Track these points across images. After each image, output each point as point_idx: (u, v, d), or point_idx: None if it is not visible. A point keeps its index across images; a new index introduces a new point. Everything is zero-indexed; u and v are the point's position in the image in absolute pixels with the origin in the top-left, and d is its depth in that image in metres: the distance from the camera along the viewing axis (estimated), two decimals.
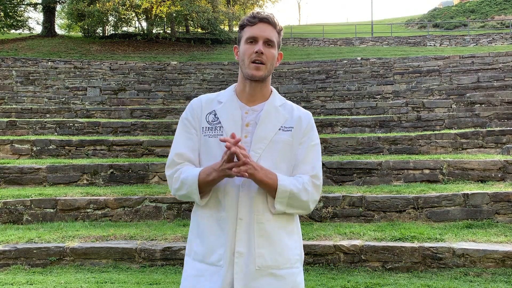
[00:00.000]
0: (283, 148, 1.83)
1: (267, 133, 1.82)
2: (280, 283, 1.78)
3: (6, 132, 10.63)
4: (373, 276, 4.70)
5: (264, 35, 1.82)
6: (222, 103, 1.90)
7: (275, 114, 1.87)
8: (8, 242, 5.39)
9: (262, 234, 1.77)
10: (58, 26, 43.26)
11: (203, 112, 1.89)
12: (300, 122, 1.89)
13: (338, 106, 13.27)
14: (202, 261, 1.81)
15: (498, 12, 38.62)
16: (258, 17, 1.83)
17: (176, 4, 28.75)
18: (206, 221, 1.83)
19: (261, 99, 1.90)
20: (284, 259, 1.81)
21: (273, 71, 1.95)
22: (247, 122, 1.85)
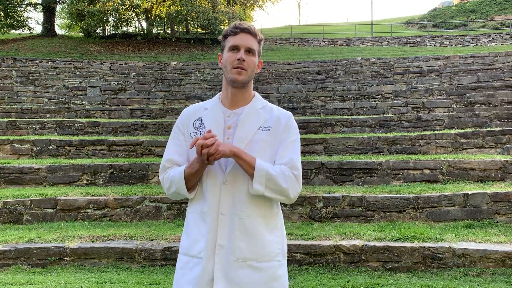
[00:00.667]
0: (262, 147, 1.94)
1: (246, 133, 1.95)
2: (258, 275, 1.86)
3: (6, 132, 10.63)
4: (373, 276, 4.70)
5: (245, 44, 1.98)
6: (207, 109, 2.07)
7: (254, 116, 2.00)
8: (8, 242, 5.39)
9: (241, 229, 1.87)
10: (58, 26, 43.27)
11: (191, 119, 2.06)
12: (278, 121, 2.01)
13: (338, 106, 13.27)
14: (186, 254, 1.95)
15: (498, 12, 38.62)
16: (240, 28, 1.99)
17: (176, 4, 28.75)
18: (191, 216, 1.98)
19: (242, 103, 2.03)
20: (263, 252, 1.88)
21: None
22: (229, 125, 1.99)
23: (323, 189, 6.71)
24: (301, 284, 4.45)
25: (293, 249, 5.05)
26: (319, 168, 7.42)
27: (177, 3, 28.68)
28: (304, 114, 12.98)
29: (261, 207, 1.93)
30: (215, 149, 1.79)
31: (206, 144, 1.78)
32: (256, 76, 18.06)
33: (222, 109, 2.04)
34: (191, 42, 31.85)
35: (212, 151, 1.78)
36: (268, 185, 1.86)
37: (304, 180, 7.38)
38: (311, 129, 10.92)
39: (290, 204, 6.29)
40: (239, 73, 1.96)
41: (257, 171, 1.85)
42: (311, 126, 10.98)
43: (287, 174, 1.89)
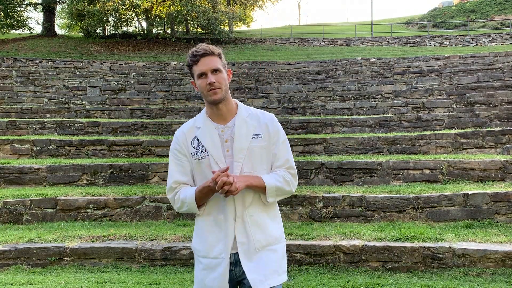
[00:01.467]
0: (260, 153, 2.22)
1: (243, 144, 2.19)
2: (274, 255, 2.24)
3: (6, 132, 10.63)
4: (373, 276, 4.70)
5: (209, 67, 2.17)
6: (200, 128, 2.26)
7: (245, 126, 2.22)
8: (8, 242, 5.39)
9: (254, 223, 2.20)
10: (58, 26, 43.27)
11: (188, 139, 2.26)
12: (267, 127, 2.25)
13: (338, 106, 13.26)
14: (205, 257, 2.22)
15: (498, 12, 38.62)
16: (198, 55, 2.18)
17: (176, 4, 28.75)
18: (205, 223, 2.24)
19: (230, 116, 2.25)
20: (273, 238, 2.25)
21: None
22: (225, 139, 2.21)
23: (323, 189, 6.71)
24: (301, 284, 4.45)
25: (293, 249, 5.05)
26: (319, 168, 7.42)
27: (177, 3, 28.68)
28: (304, 114, 12.98)
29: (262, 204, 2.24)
30: (235, 188, 2.05)
31: (229, 182, 2.02)
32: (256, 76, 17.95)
33: (214, 125, 2.24)
34: (191, 42, 31.84)
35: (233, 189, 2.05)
36: (278, 193, 2.23)
37: (304, 180, 7.38)
38: (311, 129, 10.92)
39: (289, 204, 6.29)
40: (215, 93, 2.16)
41: (268, 189, 2.18)
42: (311, 126, 10.98)
43: (288, 179, 2.23)
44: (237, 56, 26.38)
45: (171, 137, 9.69)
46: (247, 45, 32.35)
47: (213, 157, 2.18)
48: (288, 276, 4.72)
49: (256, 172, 2.20)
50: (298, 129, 10.92)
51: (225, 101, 2.22)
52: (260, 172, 2.21)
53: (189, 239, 5.39)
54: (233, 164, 2.17)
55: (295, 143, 9.03)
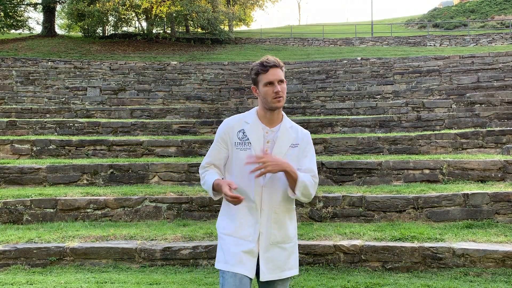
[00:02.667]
0: (292, 159, 2.49)
1: (282, 149, 2.49)
2: (284, 252, 2.50)
3: (6, 132, 10.63)
4: (373, 276, 4.70)
5: (277, 78, 2.45)
6: (249, 123, 2.52)
7: (287, 135, 2.52)
8: (8, 242, 5.39)
9: (275, 221, 2.48)
10: (58, 26, 43.27)
11: (234, 130, 2.52)
12: (303, 140, 2.57)
13: (338, 106, 13.26)
14: (232, 235, 2.48)
15: (498, 12, 38.61)
16: (269, 66, 2.46)
17: (176, 4, 28.75)
18: (238, 207, 2.47)
19: (277, 122, 2.54)
20: (287, 237, 2.52)
21: None
22: (268, 140, 2.50)
23: (323, 189, 6.70)
24: (301, 284, 4.45)
25: None
26: (319, 168, 7.41)
27: (177, 3, 28.68)
28: (304, 114, 12.98)
29: (287, 204, 2.52)
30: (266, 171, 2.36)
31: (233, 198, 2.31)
32: None
33: (262, 126, 2.51)
34: (191, 42, 31.86)
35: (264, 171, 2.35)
36: (303, 192, 2.45)
37: None
38: (311, 129, 10.91)
39: None
40: (279, 101, 2.44)
41: (299, 183, 2.41)
42: (311, 126, 10.97)
43: (314, 183, 2.50)
44: (237, 56, 26.38)
45: (171, 137, 9.72)
46: (247, 45, 32.35)
47: (256, 152, 2.44)
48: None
49: None
50: None
51: (280, 109, 2.52)
52: None
53: (189, 239, 5.39)
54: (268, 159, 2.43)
55: None
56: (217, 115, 12.82)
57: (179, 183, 7.48)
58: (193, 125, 11.06)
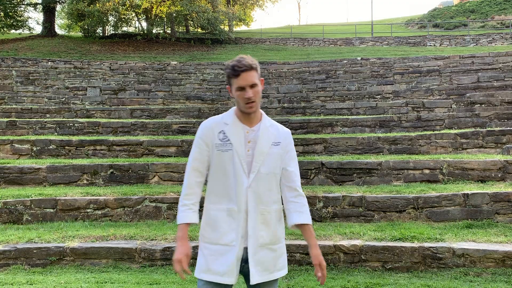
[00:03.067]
0: (275, 158, 2.46)
1: (264, 148, 2.43)
2: (273, 253, 2.44)
3: (6, 132, 10.63)
4: (373, 276, 4.70)
5: (248, 83, 2.35)
6: (228, 124, 2.46)
7: (267, 134, 2.46)
8: (8, 242, 5.39)
9: (263, 222, 2.41)
10: (58, 26, 43.27)
11: (214, 131, 2.45)
12: (285, 138, 2.53)
13: (338, 106, 13.26)
14: (215, 243, 2.40)
15: (498, 12, 38.61)
16: (239, 70, 2.34)
17: (176, 4, 28.74)
18: (217, 213, 2.41)
19: (256, 121, 2.48)
20: (276, 238, 2.47)
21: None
22: (249, 140, 2.43)
23: (323, 189, 6.71)
24: (301, 284, 4.45)
25: (293, 249, 5.05)
26: (319, 168, 7.42)
27: (177, 3, 28.67)
28: (304, 114, 12.98)
29: (273, 204, 2.46)
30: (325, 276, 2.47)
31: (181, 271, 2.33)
32: None
33: (241, 125, 2.45)
34: (191, 42, 31.85)
35: None
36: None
37: (304, 180, 7.38)
38: (311, 129, 10.92)
39: None
40: (251, 107, 2.38)
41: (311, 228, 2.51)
42: (311, 126, 10.97)
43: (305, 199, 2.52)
44: None
45: (171, 137, 9.71)
46: (247, 45, 32.35)
47: (237, 153, 2.39)
48: (288, 276, 4.73)
49: (271, 173, 2.43)
50: (298, 129, 10.92)
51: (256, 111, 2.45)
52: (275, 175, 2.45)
53: (189, 239, 5.38)
54: (252, 164, 2.39)
55: (295, 143, 9.01)
56: (217, 115, 12.81)
57: (179, 183, 7.48)
58: (193, 125, 11.06)
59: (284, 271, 2.51)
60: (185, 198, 2.46)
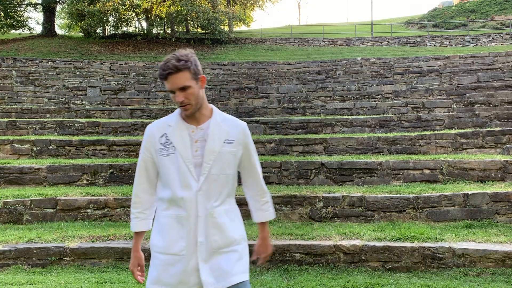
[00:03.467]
0: (228, 157, 2.28)
1: (215, 147, 2.24)
2: (231, 256, 2.27)
3: (6, 132, 10.63)
4: (373, 276, 4.71)
5: (177, 86, 2.17)
6: (171, 126, 2.28)
7: (219, 130, 2.27)
8: (8, 242, 5.39)
9: (214, 226, 2.24)
10: (58, 26, 43.27)
11: (155, 136, 2.29)
12: (239, 134, 2.33)
13: (338, 106, 13.25)
14: (164, 253, 2.24)
15: (498, 12, 38.61)
16: (165, 74, 2.16)
17: (176, 4, 28.74)
18: (166, 220, 2.26)
19: (204, 119, 2.29)
20: (231, 240, 2.28)
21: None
22: (196, 139, 2.25)
23: (323, 189, 6.71)
24: (301, 284, 4.45)
25: (293, 249, 5.05)
26: (319, 168, 7.42)
27: (177, 3, 28.67)
28: (304, 114, 12.97)
29: (224, 205, 2.29)
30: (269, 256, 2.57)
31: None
32: (256, 76, 17.87)
33: (186, 125, 2.27)
34: (191, 42, 31.84)
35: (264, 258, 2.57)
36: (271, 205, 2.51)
37: (304, 180, 7.38)
38: (311, 129, 10.92)
39: (289, 204, 6.29)
40: (186, 109, 2.22)
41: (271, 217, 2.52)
42: (311, 126, 10.97)
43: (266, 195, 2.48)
44: (237, 56, 26.38)
45: None
46: (247, 45, 32.35)
47: (181, 155, 2.21)
48: (288, 276, 4.73)
49: (222, 174, 2.26)
50: (298, 129, 10.92)
51: (199, 109, 2.27)
52: (227, 176, 2.29)
53: None
54: (202, 165, 2.22)
55: (295, 143, 9.03)
56: None
57: None
58: None
59: (245, 275, 2.29)
60: (132, 207, 2.38)
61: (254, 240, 5.29)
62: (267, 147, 9.12)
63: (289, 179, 7.50)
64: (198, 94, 2.23)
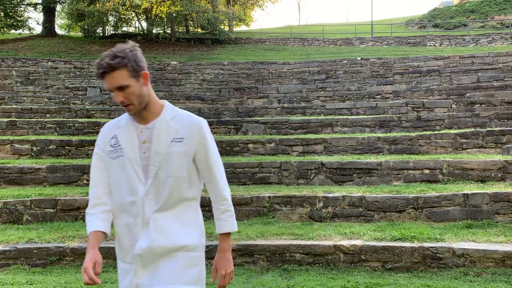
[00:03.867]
0: (178, 158, 2.07)
1: (161, 147, 2.06)
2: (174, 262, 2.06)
3: (6, 132, 10.63)
4: (373, 276, 4.71)
5: (113, 86, 2.00)
6: (121, 127, 2.14)
7: (166, 129, 2.08)
8: (8, 242, 5.39)
9: (159, 231, 2.05)
10: (58, 26, 43.26)
11: (106, 138, 2.16)
12: (191, 131, 2.10)
13: (338, 106, 13.26)
14: (122, 261, 2.17)
15: (498, 12, 38.61)
16: (99, 73, 2.00)
17: (176, 4, 28.73)
18: (119, 228, 2.16)
19: (152, 117, 2.10)
20: (177, 246, 2.06)
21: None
22: (143, 140, 2.09)
23: (323, 189, 6.71)
24: (301, 284, 4.45)
25: (293, 249, 5.05)
26: (319, 168, 7.42)
27: (177, 3, 28.66)
28: (304, 114, 12.98)
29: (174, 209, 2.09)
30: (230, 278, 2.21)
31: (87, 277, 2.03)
32: (256, 76, 17.88)
33: (135, 125, 2.11)
34: (191, 42, 31.84)
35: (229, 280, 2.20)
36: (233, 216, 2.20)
37: (304, 180, 7.38)
38: (311, 129, 10.92)
39: (289, 204, 6.29)
40: (129, 110, 2.05)
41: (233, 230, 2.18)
42: (311, 126, 10.97)
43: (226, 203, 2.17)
44: (237, 56, 26.37)
45: None
46: (247, 45, 32.35)
47: (129, 157, 2.07)
48: (288, 276, 4.74)
49: (171, 177, 2.06)
50: (298, 129, 10.92)
51: (147, 107, 2.09)
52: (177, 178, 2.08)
53: None
54: (149, 168, 2.06)
55: (295, 143, 9.03)
56: (217, 115, 12.82)
57: None
58: None
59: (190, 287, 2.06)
60: (91, 207, 2.21)
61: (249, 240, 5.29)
62: (267, 147, 9.12)
63: (289, 179, 7.50)
64: (140, 93, 2.03)
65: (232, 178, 7.60)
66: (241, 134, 10.86)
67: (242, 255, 5.14)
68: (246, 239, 5.30)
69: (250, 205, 6.36)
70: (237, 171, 7.69)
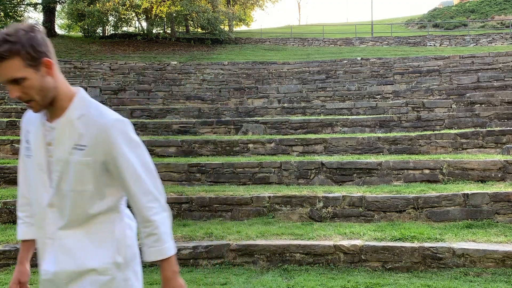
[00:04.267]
0: (80, 170, 1.67)
1: (62, 154, 1.67)
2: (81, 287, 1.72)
3: (6, 132, 10.64)
4: (373, 276, 4.70)
5: (5, 79, 1.57)
6: (33, 121, 1.77)
7: (69, 131, 1.67)
8: (8, 242, 5.39)
9: (64, 251, 1.71)
10: (58, 26, 43.26)
11: (23, 131, 1.81)
12: (97, 138, 1.66)
13: (338, 106, 13.25)
14: None
15: (498, 12, 38.61)
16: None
17: (176, 4, 28.74)
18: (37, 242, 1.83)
19: (59, 113, 1.69)
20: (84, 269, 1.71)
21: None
22: (48, 141, 1.70)
23: (323, 189, 6.71)
24: (301, 284, 4.45)
25: (293, 249, 5.05)
26: (319, 168, 7.42)
27: (177, 3, 28.67)
28: (304, 114, 12.97)
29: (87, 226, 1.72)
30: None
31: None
32: (256, 76, 17.92)
33: (43, 121, 1.72)
34: (191, 42, 31.84)
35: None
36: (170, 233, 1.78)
37: (304, 180, 7.38)
38: (311, 129, 10.92)
39: (289, 204, 6.29)
40: (31, 107, 1.66)
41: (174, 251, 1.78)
42: (311, 126, 10.97)
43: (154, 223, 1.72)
44: (237, 56, 26.37)
45: (171, 137, 9.72)
46: (247, 45, 32.35)
47: (36, 160, 1.72)
48: (288, 276, 4.74)
49: (74, 191, 1.68)
50: (298, 129, 10.92)
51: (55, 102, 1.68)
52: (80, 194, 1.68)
53: (189, 239, 5.39)
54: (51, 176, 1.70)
55: (295, 143, 9.03)
56: (217, 115, 12.83)
57: (179, 183, 7.49)
58: (193, 125, 11.06)
59: None
60: (18, 210, 1.91)
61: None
62: (267, 147, 9.12)
63: (289, 179, 7.50)
64: (42, 85, 1.60)
65: (232, 178, 7.61)
66: (241, 134, 10.86)
67: (242, 255, 5.15)
68: (246, 239, 5.30)
69: (250, 205, 6.37)
70: (237, 171, 7.69)
